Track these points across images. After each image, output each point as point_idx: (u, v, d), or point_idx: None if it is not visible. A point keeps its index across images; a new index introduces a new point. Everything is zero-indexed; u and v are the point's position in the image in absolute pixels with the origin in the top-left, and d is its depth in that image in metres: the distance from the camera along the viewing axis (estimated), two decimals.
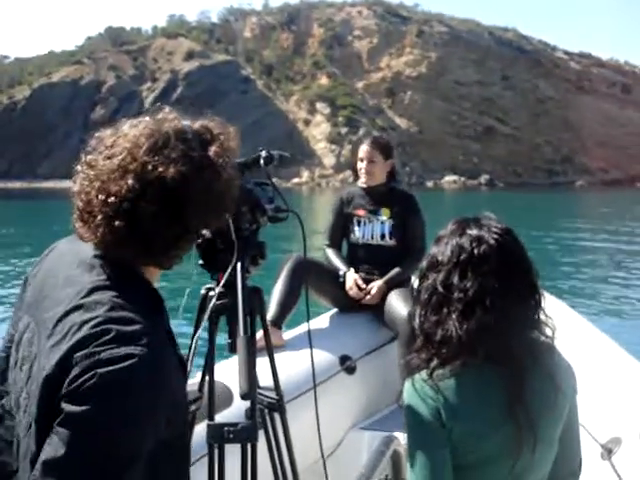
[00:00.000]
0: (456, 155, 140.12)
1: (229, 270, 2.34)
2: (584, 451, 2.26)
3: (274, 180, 2.60)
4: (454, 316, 1.98)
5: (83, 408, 1.44)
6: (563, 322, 4.79)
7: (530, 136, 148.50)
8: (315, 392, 2.94)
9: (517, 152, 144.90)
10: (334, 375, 4.21)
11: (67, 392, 1.46)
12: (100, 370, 1.44)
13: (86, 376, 1.44)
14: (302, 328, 4.52)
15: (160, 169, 1.58)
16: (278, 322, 4.38)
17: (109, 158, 1.62)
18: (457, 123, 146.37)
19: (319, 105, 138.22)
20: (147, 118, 1.72)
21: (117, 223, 1.57)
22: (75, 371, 1.46)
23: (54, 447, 1.43)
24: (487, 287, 1.97)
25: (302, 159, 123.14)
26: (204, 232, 2.33)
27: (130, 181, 1.57)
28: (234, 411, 3.21)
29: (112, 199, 1.57)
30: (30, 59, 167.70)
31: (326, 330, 4.69)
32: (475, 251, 2.00)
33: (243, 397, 2.15)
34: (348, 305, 4.94)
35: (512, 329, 1.97)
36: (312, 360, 2.93)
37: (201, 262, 2.51)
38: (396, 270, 4.77)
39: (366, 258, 4.91)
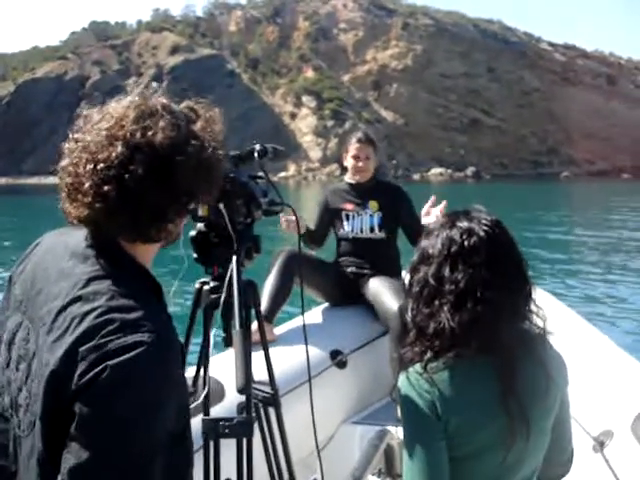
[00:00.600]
0: (442, 147, 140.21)
1: (233, 264, 2.38)
2: (576, 444, 2.29)
3: (259, 174, 2.60)
4: (446, 308, 1.99)
5: (99, 407, 1.43)
6: (553, 315, 4.80)
7: (516, 128, 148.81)
8: (310, 386, 2.94)
9: (503, 144, 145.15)
10: (325, 370, 4.22)
11: (78, 389, 1.44)
12: (110, 362, 1.43)
13: (96, 369, 1.43)
14: (293, 323, 4.53)
15: (149, 133, 1.58)
16: (269, 317, 4.38)
17: (97, 131, 1.62)
18: (443, 115, 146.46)
19: (305, 98, 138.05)
20: (134, 96, 1.71)
21: (106, 188, 1.56)
22: (83, 365, 1.44)
23: (76, 453, 1.41)
24: (478, 278, 1.98)
25: (288, 153, 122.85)
26: (199, 213, 2.40)
27: (119, 148, 1.56)
28: (226, 405, 3.21)
29: (101, 166, 1.56)
30: (14, 54, 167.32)
31: (317, 324, 4.70)
32: (465, 243, 2.02)
33: (240, 391, 2.15)
34: (340, 299, 4.95)
35: (503, 320, 1.98)
36: (307, 355, 2.94)
37: (195, 256, 2.51)
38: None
39: (356, 251, 4.92)
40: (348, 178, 5.09)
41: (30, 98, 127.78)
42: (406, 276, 2.18)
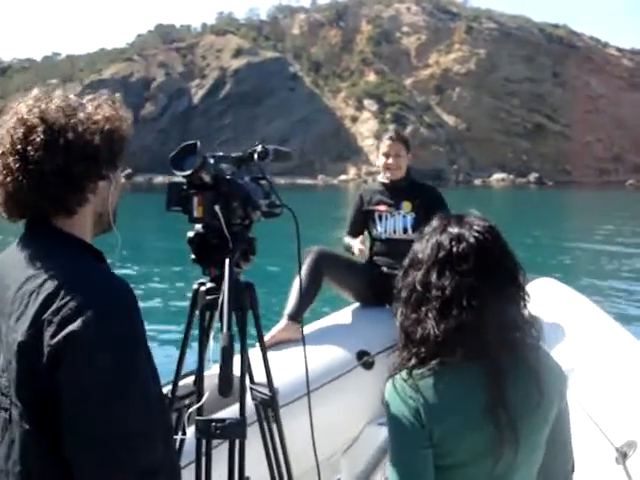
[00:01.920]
0: (505, 152, 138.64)
1: (227, 266, 2.38)
2: (598, 454, 2.27)
3: (319, 177, 2.60)
4: (431, 315, 1.97)
5: (86, 361, 1.53)
6: (584, 320, 4.73)
7: (580, 134, 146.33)
8: (309, 399, 2.92)
9: (567, 150, 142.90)
10: (351, 370, 4.21)
11: (52, 351, 1.53)
12: (79, 319, 1.54)
13: (64, 332, 1.53)
14: (321, 323, 4.53)
15: (42, 107, 1.76)
16: (296, 316, 4.39)
17: (4, 126, 1.78)
18: (506, 120, 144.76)
19: (367, 102, 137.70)
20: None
21: (10, 160, 1.71)
22: (51, 328, 1.54)
23: (82, 425, 1.52)
24: (464, 286, 1.96)
25: (349, 156, 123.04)
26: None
27: (19, 129, 1.73)
28: (237, 408, 3.22)
29: (7, 147, 1.73)
30: (81, 56, 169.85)
31: (345, 324, 4.69)
32: (454, 249, 2.00)
33: (221, 394, 2.15)
34: (370, 299, 4.94)
35: (491, 328, 1.95)
36: (306, 363, 2.90)
37: (193, 257, 2.52)
38: None
39: (389, 252, 4.92)
40: (381, 177, 5.10)
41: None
42: (397, 280, 2.17)
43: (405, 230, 4.92)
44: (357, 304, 5.04)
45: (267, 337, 3.01)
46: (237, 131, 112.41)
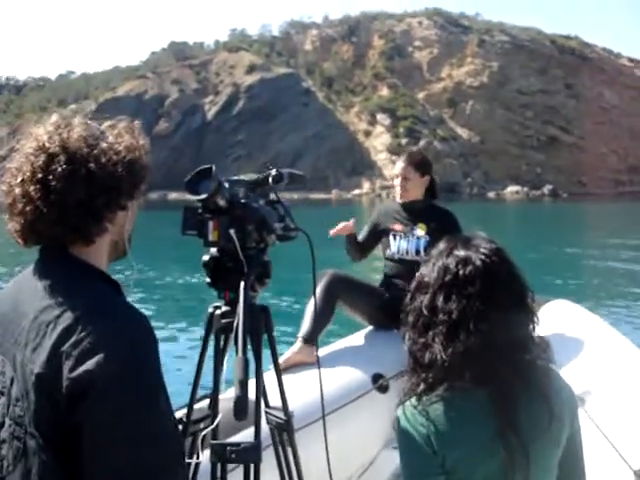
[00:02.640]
0: (519, 165, 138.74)
1: (241, 290, 2.37)
2: (615, 475, 2.24)
3: (333, 191, 2.60)
4: (438, 339, 1.95)
5: (109, 401, 1.51)
6: (599, 340, 4.70)
7: (595, 145, 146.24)
8: (324, 420, 2.91)
9: (581, 162, 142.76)
10: (366, 393, 4.18)
11: (71, 385, 1.51)
12: (99, 355, 1.52)
13: (86, 365, 1.51)
14: (336, 345, 4.51)
15: (64, 137, 1.73)
16: (310, 339, 4.37)
17: (23, 151, 1.76)
18: (519, 133, 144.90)
19: (379, 116, 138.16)
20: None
21: (31, 189, 1.68)
22: (70, 362, 1.52)
23: (105, 462, 1.50)
24: (471, 310, 1.93)
25: (362, 170, 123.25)
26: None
27: (41, 157, 1.70)
28: (251, 431, 3.21)
29: (27, 175, 1.70)
30: (96, 74, 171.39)
31: (359, 347, 4.66)
32: (460, 272, 1.97)
33: (237, 418, 2.12)
34: (383, 322, 4.91)
35: (499, 352, 1.93)
36: (321, 386, 2.89)
37: (208, 280, 2.52)
38: None
39: (400, 273, 4.88)
40: (399, 198, 5.10)
41: (111, 116, 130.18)
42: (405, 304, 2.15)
43: (418, 252, 4.89)
44: (370, 327, 5.03)
45: (281, 360, 3.01)
46: (250, 147, 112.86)
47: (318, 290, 4.56)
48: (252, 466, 2.37)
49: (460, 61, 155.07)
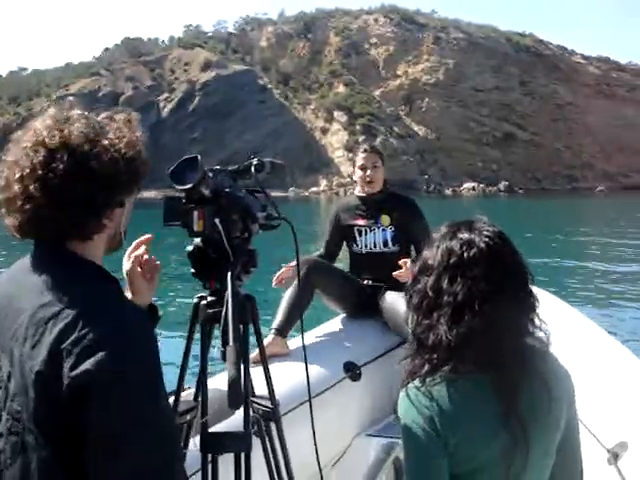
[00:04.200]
0: (475, 162, 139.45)
1: (229, 279, 2.37)
2: (589, 456, 2.27)
3: (290, 189, 2.61)
4: (443, 320, 1.98)
5: (109, 398, 1.51)
6: (570, 326, 4.77)
7: (549, 142, 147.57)
8: (310, 404, 2.92)
9: (536, 158, 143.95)
10: (339, 382, 4.20)
11: (73, 382, 1.51)
12: (97, 356, 1.51)
13: (87, 363, 1.51)
14: (309, 335, 4.52)
15: (64, 133, 1.72)
16: (282, 331, 4.37)
17: (21, 146, 1.75)
18: (475, 130, 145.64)
19: (336, 113, 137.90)
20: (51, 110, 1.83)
21: (32, 188, 1.67)
22: (71, 359, 1.52)
23: (111, 460, 1.49)
24: (476, 291, 1.96)
25: (319, 168, 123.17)
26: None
27: (41, 153, 1.69)
28: (235, 421, 3.20)
29: (26, 171, 1.69)
30: (47, 71, 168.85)
31: (332, 336, 4.69)
32: (465, 255, 2.00)
33: (231, 406, 2.15)
34: (356, 310, 4.93)
35: (503, 334, 1.96)
36: (307, 370, 2.91)
37: (193, 271, 2.52)
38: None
39: (371, 266, 4.91)
40: (358, 192, 5.09)
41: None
42: (407, 287, 2.18)
43: (385, 243, 4.92)
44: (343, 315, 5.04)
45: (254, 354, 3.00)
46: (207, 144, 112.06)
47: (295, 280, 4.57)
48: (242, 455, 2.40)
49: (416, 58, 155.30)
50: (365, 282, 4.96)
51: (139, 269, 2.21)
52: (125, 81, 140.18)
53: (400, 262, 4.59)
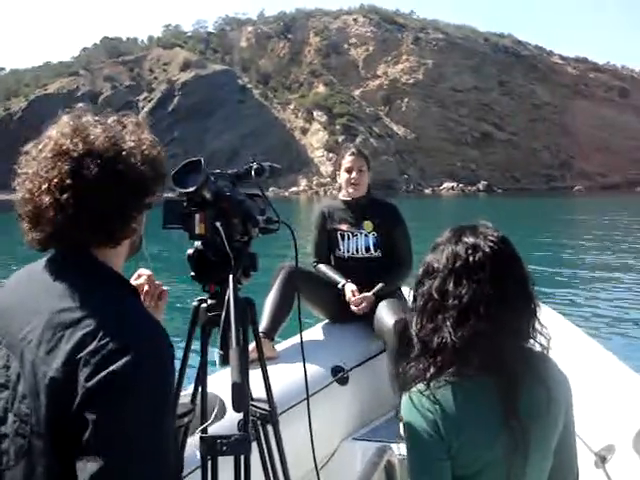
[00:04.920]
0: (454, 162, 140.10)
1: (230, 282, 2.37)
2: (578, 459, 2.29)
3: (270, 189, 2.62)
4: (449, 323, 1.99)
5: (114, 409, 1.48)
6: (555, 329, 4.80)
7: (527, 141, 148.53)
8: (308, 404, 2.94)
9: (515, 158, 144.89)
10: (326, 386, 4.22)
11: (88, 392, 1.48)
12: (117, 364, 1.49)
13: (105, 372, 1.48)
14: (294, 339, 4.52)
15: (88, 141, 1.69)
16: (270, 334, 4.38)
17: (42, 157, 1.71)
18: (454, 129, 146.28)
19: (316, 113, 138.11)
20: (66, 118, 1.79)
21: (64, 197, 1.64)
22: (88, 369, 1.49)
23: (95, 459, 1.45)
24: (481, 294, 1.98)
25: (299, 168, 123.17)
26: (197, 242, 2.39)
27: (66, 162, 1.66)
28: (227, 423, 3.21)
29: (54, 182, 1.65)
30: (26, 70, 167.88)
31: (318, 341, 4.70)
32: (470, 258, 2.02)
33: (235, 409, 2.14)
34: (340, 315, 4.93)
35: (506, 337, 1.98)
36: (305, 372, 2.93)
37: (192, 274, 2.52)
38: (381, 285, 4.78)
39: (353, 271, 4.90)
40: (342, 195, 5.07)
41: (42, 114, 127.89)
42: (410, 290, 2.19)
43: (368, 249, 4.92)
44: (327, 321, 5.05)
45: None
46: (186, 145, 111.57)
47: (276, 284, 4.57)
48: (242, 457, 2.40)
49: (395, 58, 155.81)
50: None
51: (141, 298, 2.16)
52: (104, 81, 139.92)
53: (358, 297, 4.71)
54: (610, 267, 21.25)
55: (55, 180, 1.65)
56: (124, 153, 1.72)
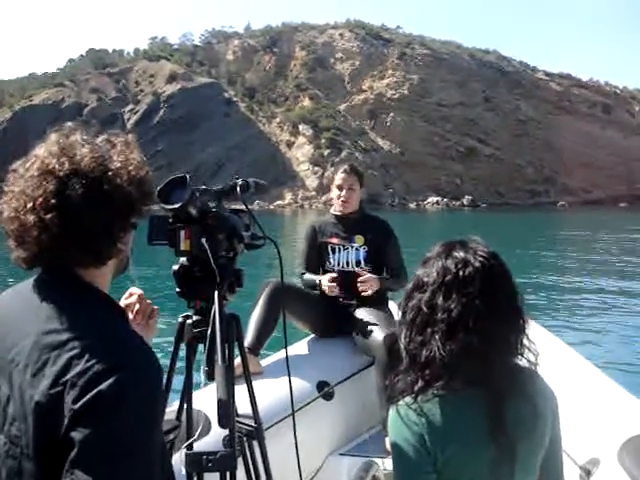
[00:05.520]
0: (438, 176, 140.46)
1: (216, 298, 2.37)
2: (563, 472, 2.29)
3: (255, 203, 2.62)
4: (437, 337, 1.99)
5: (101, 428, 1.47)
6: (542, 344, 4.82)
7: (512, 157, 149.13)
8: (294, 419, 2.94)
9: (499, 173, 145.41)
10: (312, 401, 4.21)
11: (75, 414, 1.47)
12: (103, 385, 1.47)
13: (91, 393, 1.47)
14: (279, 354, 4.52)
15: (75, 160, 1.68)
16: (255, 349, 4.38)
17: (28, 175, 1.70)
18: (439, 144, 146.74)
19: (302, 127, 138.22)
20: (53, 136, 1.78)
21: (48, 217, 1.63)
22: (75, 392, 1.48)
23: (81, 477, 1.44)
24: (470, 308, 1.99)
25: (285, 181, 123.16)
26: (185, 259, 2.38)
27: (52, 182, 1.65)
28: (212, 439, 3.20)
29: (39, 201, 1.64)
30: (10, 81, 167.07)
31: (304, 356, 4.69)
32: (460, 273, 2.03)
33: (221, 425, 2.14)
34: (326, 330, 4.94)
35: (494, 352, 1.99)
36: (290, 387, 2.93)
37: (178, 290, 2.52)
38: (387, 277, 4.90)
39: (343, 285, 4.90)
40: (334, 210, 5.11)
41: (27, 125, 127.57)
42: (400, 304, 2.19)
43: (358, 263, 4.94)
44: (312, 336, 5.05)
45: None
46: (171, 157, 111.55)
47: (262, 300, 4.57)
48: (228, 474, 2.40)
49: (381, 73, 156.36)
50: (336, 300, 4.96)
51: (131, 316, 2.16)
52: (89, 92, 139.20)
53: (361, 278, 4.73)
54: (596, 284, 21.33)
55: (40, 199, 1.64)
56: (110, 173, 1.70)
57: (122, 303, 2.18)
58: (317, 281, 4.88)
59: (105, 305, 1.73)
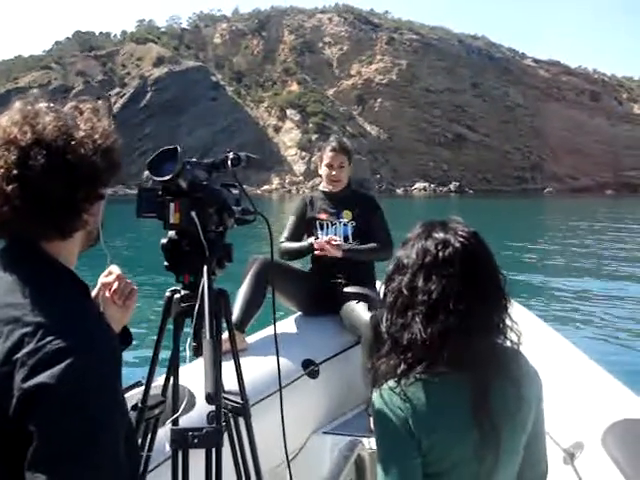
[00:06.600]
0: (426, 162, 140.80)
1: (205, 273, 2.36)
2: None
3: (243, 186, 2.58)
4: (418, 319, 1.97)
5: (57, 415, 1.42)
6: (526, 326, 4.82)
7: (499, 143, 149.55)
8: (281, 396, 2.92)
9: (487, 159, 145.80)
10: (297, 379, 4.20)
11: (23, 395, 1.42)
12: (56, 368, 1.42)
13: (42, 377, 1.42)
14: (265, 332, 4.49)
15: (37, 129, 1.62)
16: (241, 326, 4.36)
17: None
18: (427, 130, 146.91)
19: (289, 112, 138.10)
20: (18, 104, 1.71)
21: (9, 188, 1.57)
22: (24, 371, 1.43)
23: (45, 464, 1.41)
24: (451, 290, 1.96)
25: (272, 166, 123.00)
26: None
27: (14, 151, 1.59)
28: (196, 415, 3.18)
29: (1, 171, 1.58)
30: None
31: (290, 334, 4.67)
32: (440, 254, 1.99)
33: (209, 401, 2.12)
34: (312, 308, 4.92)
35: (476, 333, 1.96)
36: (278, 364, 2.90)
37: (166, 264, 2.48)
38: (355, 244, 4.87)
39: (330, 260, 4.89)
40: (322, 187, 5.10)
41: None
42: (382, 286, 2.16)
43: (346, 238, 4.92)
44: (299, 313, 5.03)
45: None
46: (158, 141, 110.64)
47: (249, 277, 4.55)
48: (214, 450, 2.39)
49: (369, 58, 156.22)
50: (323, 278, 4.94)
51: (108, 295, 2.11)
52: (76, 75, 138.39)
53: (327, 240, 4.72)
54: (581, 267, 21.44)
55: (2, 170, 1.59)
56: (74, 142, 1.64)
57: (100, 281, 2.12)
58: (308, 244, 4.86)
59: (66, 281, 1.67)
